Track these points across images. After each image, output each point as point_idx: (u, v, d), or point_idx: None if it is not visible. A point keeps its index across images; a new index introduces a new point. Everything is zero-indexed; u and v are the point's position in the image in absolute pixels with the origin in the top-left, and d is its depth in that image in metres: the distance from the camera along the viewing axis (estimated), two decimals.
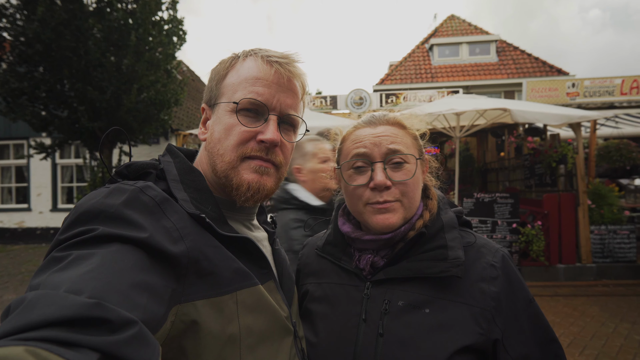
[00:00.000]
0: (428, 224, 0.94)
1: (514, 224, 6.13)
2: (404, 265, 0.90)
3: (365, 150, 0.93)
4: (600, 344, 3.94)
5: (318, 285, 1.03)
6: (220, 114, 0.82)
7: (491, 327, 0.83)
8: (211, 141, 0.82)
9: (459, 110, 5.88)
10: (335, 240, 1.05)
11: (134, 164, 0.76)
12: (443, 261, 0.86)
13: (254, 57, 0.83)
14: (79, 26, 6.87)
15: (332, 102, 11.61)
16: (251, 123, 0.80)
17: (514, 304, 0.86)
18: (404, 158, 0.91)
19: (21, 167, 12.03)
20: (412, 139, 0.97)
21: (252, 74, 0.81)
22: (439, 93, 10.95)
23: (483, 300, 0.84)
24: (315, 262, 1.10)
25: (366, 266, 0.94)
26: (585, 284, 6.03)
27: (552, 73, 17.23)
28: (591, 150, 7.42)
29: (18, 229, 11.77)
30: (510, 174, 9.47)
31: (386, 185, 0.90)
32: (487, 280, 0.86)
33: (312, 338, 0.95)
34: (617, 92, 10.70)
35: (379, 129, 0.95)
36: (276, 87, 0.81)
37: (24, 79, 7.09)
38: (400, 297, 0.88)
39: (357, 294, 0.94)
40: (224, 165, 0.80)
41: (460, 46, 18.92)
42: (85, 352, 0.40)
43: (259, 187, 0.80)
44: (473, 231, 1.00)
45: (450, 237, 0.91)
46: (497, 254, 0.91)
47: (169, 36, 8.22)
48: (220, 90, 0.83)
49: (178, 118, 11.74)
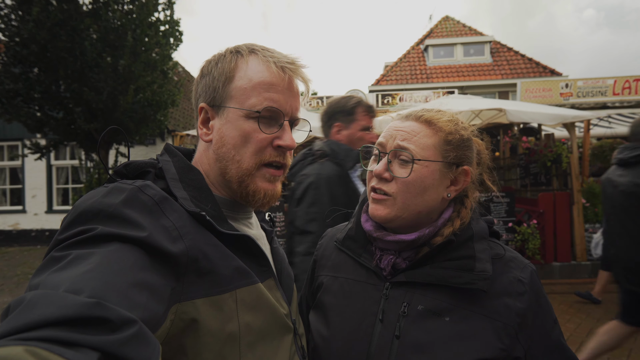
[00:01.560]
0: (457, 232, 0.90)
1: (510, 223, 6.18)
2: (428, 271, 0.87)
3: (382, 140, 0.96)
4: None
5: (334, 278, 1.02)
6: (231, 118, 0.80)
7: (513, 344, 0.80)
8: (222, 145, 0.80)
9: (455, 111, 5.90)
10: (356, 235, 1.03)
11: (132, 163, 0.76)
12: (469, 272, 0.83)
13: (262, 59, 0.81)
14: (75, 27, 6.83)
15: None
16: (268, 129, 0.81)
17: (540, 322, 0.84)
18: (407, 156, 0.88)
19: (15, 168, 11.91)
20: (439, 142, 0.90)
21: (265, 80, 0.80)
22: (435, 94, 11.00)
23: (507, 316, 0.81)
24: (334, 254, 1.08)
25: (387, 267, 0.92)
26: (581, 281, 6.08)
27: (546, 73, 17.39)
28: (585, 149, 7.49)
29: (13, 231, 11.64)
30: (505, 174, 9.54)
31: (382, 176, 0.90)
32: (513, 295, 0.83)
33: (324, 331, 0.94)
34: (610, 92, 10.82)
35: (405, 124, 0.94)
36: (288, 93, 0.82)
37: (19, 80, 7.03)
38: (420, 301, 0.86)
39: (375, 294, 0.92)
40: (240, 171, 0.80)
41: (455, 47, 19.04)
42: (85, 352, 0.40)
43: (273, 194, 0.84)
44: (502, 242, 0.97)
45: (479, 248, 0.88)
46: (526, 269, 0.88)
47: (165, 37, 8.19)
48: (229, 92, 0.80)
49: (174, 119, 11.70)
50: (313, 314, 1.02)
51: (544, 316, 0.85)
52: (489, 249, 0.89)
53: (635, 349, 3.78)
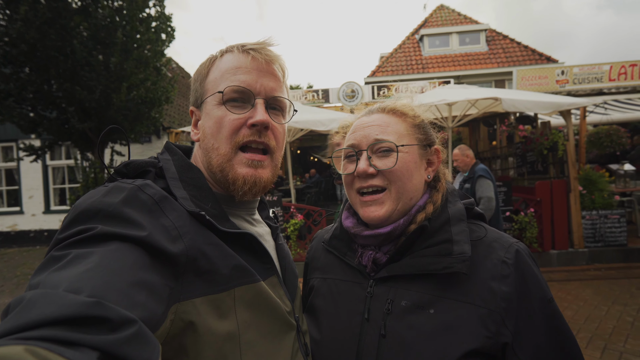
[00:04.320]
0: (431, 217, 0.88)
1: (507, 212, 6.21)
2: (407, 262, 0.86)
3: (354, 140, 0.94)
4: (594, 326, 4.03)
5: (323, 280, 1.01)
6: (208, 109, 0.83)
7: (500, 330, 0.77)
8: (204, 138, 0.83)
9: (451, 101, 5.89)
10: (341, 234, 1.03)
11: (132, 162, 0.76)
12: (447, 256, 0.81)
13: (231, 51, 0.84)
14: (64, 25, 6.72)
15: (324, 96, 11.56)
16: (239, 110, 0.81)
17: (528, 304, 0.79)
18: (389, 146, 0.89)
19: (11, 170, 11.83)
20: (409, 127, 0.94)
21: (232, 65, 0.82)
22: (431, 84, 10.95)
23: (492, 301, 0.78)
24: (322, 255, 1.08)
25: (368, 263, 0.91)
26: (578, 268, 6.14)
27: (542, 61, 17.33)
28: (581, 136, 7.51)
29: (11, 232, 11.61)
30: (502, 163, 9.55)
31: (368, 173, 0.89)
32: (497, 278, 0.80)
33: (316, 335, 0.93)
34: (606, 78, 10.81)
35: (372, 118, 0.95)
36: (257, 72, 0.82)
37: (10, 80, 6.93)
38: (404, 296, 0.84)
39: (360, 292, 0.91)
40: (219, 158, 0.80)
41: (451, 36, 18.92)
42: (85, 351, 0.40)
43: (255, 180, 0.81)
44: (487, 225, 0.94)
45: (457, 230, 0.85)
46: (511, 249, 0.83)
47: (157, 33, 8.09)
48: (204, 88, 0.84)
49: (169, 116, 11.62)
50: (306, 317, 1.01)
51: (532, 297, 0.80)
52: (468, 231, 0.86)
53: (632, 334, 3.82)
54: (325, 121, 6.68)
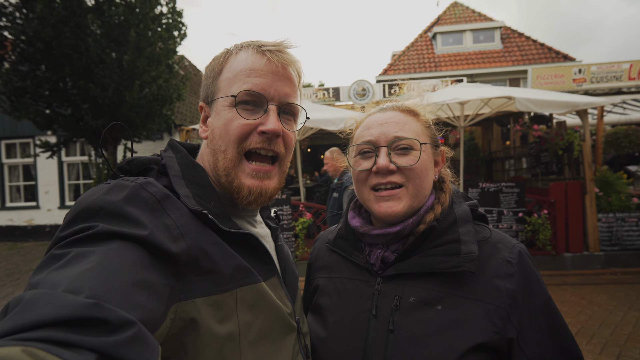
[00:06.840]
0: (440, 218, 0.91)
1: (520, 214, 6.09)
2: (415, 261, 0.88)
3: (371, 137, 0.94)
4: (609, 332, 3.92)
5: (329, 279, 1.03)
6: (218, 109, 0.81)
7: (506, 326, 0.80)
8: (213, 138, 0.82)
9: (463, 100, 5.80)
10: (346, 234, 1.04)
11: (135, 160, 0.76)
12: (456, 256, 0.84)
13: (246, 49, 0.82)
14: (79, 23, 6.85)
15: (334, 94, 11.53)
16: (250, 115, 0.79)
17: (531, 302, 0.83)
18: (410, 144, 0.90)
19: (28, 165, 12.17)
20: (423, 127, 0.96)
21: (246, 66, 0.80)
22: (443, 82, 10.80)
23: (498, 298, 0.82)
24: (326, 256, 1.09)
25: (377, 261, 0.93)
26: (593, 272, 5.99)
27: (558, 59, 16.94)
28: (598, 137, 7.31)
29: (28, 227, 11.94)
30: (515, 163, 9.37)
31: (389, 169, 0.89)
32: (502, 277, 0.84)
33: (322, 333, 0.94)
34: (625, 77, 10.50)
35: (388, 115, 0.96)
36: (272, 76, 0.80)
37: (27, 78, 7.11)
38: (412, 293, 0.87)
39: (367, 289, 0.93)
40: (226, 161, 0.79)
41: (464, 34, 18.63)
42: (83, 353, 0.39)
43: (261, 191, 0.80)
44: (489, 226, 0.97)
45: (464, 231, 0.88)
46: (514, 249, 0.88)
47: (169, 30, 8.18)
48: (217, 86, 0.82)
49: (181, 113, 11.75)
50: (310, 316, 1.02)
51: (534, 296, 0.84)
52: (474, 232, 0.90)
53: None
54: (335, 120, 6.65)
